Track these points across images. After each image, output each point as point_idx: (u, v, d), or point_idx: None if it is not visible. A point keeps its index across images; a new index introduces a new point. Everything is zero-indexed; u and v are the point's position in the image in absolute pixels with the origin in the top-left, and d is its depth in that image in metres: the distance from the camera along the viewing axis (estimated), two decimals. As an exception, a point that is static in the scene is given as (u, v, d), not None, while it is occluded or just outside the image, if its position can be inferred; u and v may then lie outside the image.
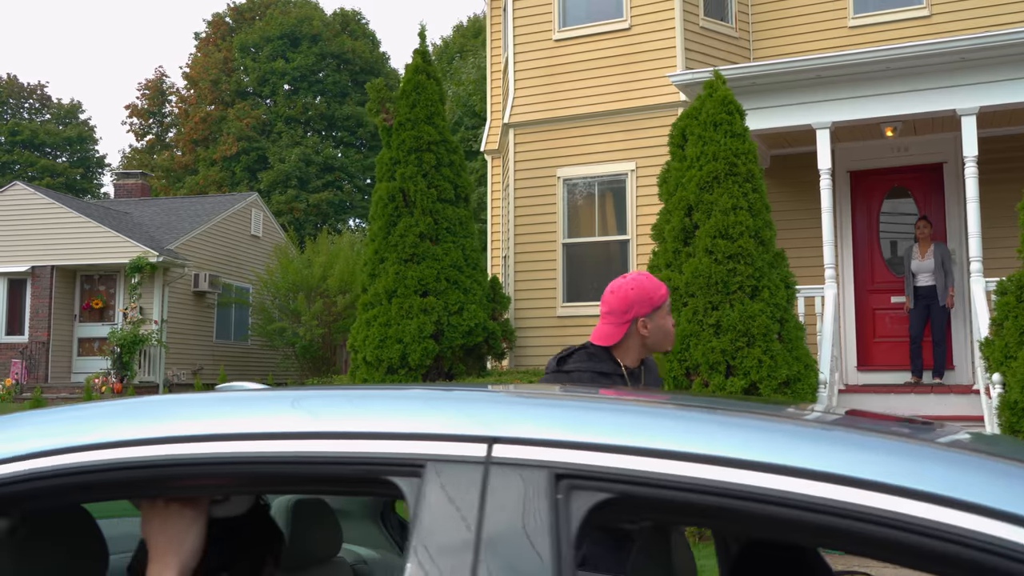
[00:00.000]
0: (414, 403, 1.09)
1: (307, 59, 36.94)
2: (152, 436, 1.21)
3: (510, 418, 1.01)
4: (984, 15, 9.48)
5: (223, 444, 1.18)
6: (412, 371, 9.48)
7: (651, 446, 0.93)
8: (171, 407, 1.32)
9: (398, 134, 9.92)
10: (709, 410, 1.02)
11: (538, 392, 1.14)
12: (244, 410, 1.23)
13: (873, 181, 9.97)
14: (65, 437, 1.22)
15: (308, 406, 1.15)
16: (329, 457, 1.08)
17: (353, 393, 1.16)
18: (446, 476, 0.98)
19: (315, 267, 19.50)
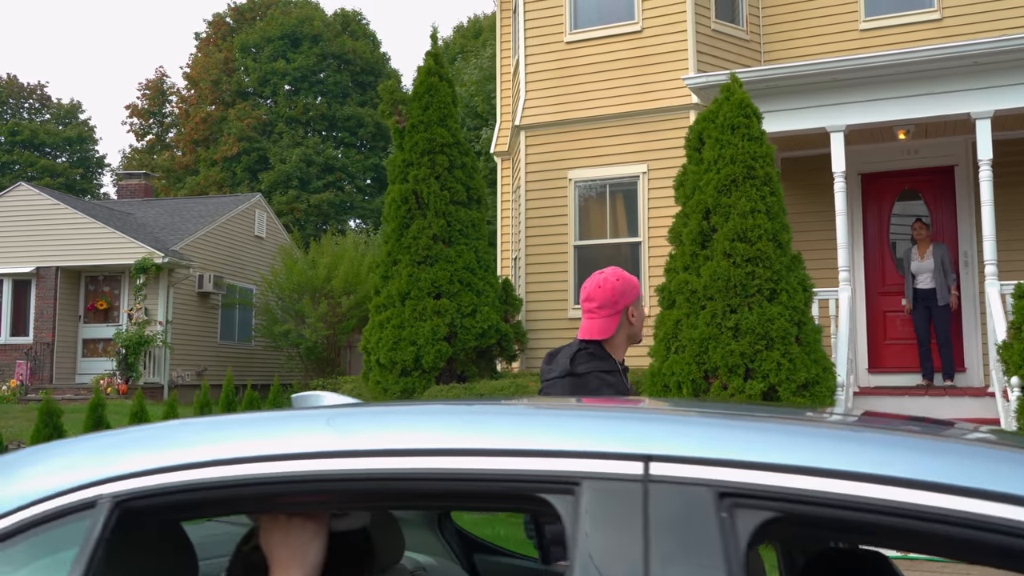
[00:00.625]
0: (565, 420, 1.11)
1: (308, 59, 36.93)
2: (297, 451, 1.23)
3: (664, 436, 1.03)
4: (995, 19, 9.52)
5: (370, 460, 1.19)
6: (425, 373, 9.50)
7: (816, 465, 0.95)
8: (309, 421, 1.34)
9: (411, 136, 9.94)
10: (863, 428, 1.04)
11: (688, 409, 1.16)
12: (386, 425, 1.25)
13: (883, 184, 10.01)
14: (211, 449, 1.24)
15: (449, 422, 1.17)
16: (478, 474, 1.09)
17: (497, 408, 1.18)
18: (603, 494, 1.00)
19: (320, 268, 19.51)
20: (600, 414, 1.13)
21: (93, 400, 11.90)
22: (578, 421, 1.10)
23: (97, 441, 1.45)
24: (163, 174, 36.98)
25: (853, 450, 0.97)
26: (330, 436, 1.22)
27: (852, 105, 8.37)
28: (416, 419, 1.23)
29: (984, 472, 0.92)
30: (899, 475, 0.93)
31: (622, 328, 2.90)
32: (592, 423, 1.09)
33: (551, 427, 1.10)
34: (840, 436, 1.01)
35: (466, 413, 1.18)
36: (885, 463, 0.94)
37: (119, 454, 1.36)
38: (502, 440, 1.10)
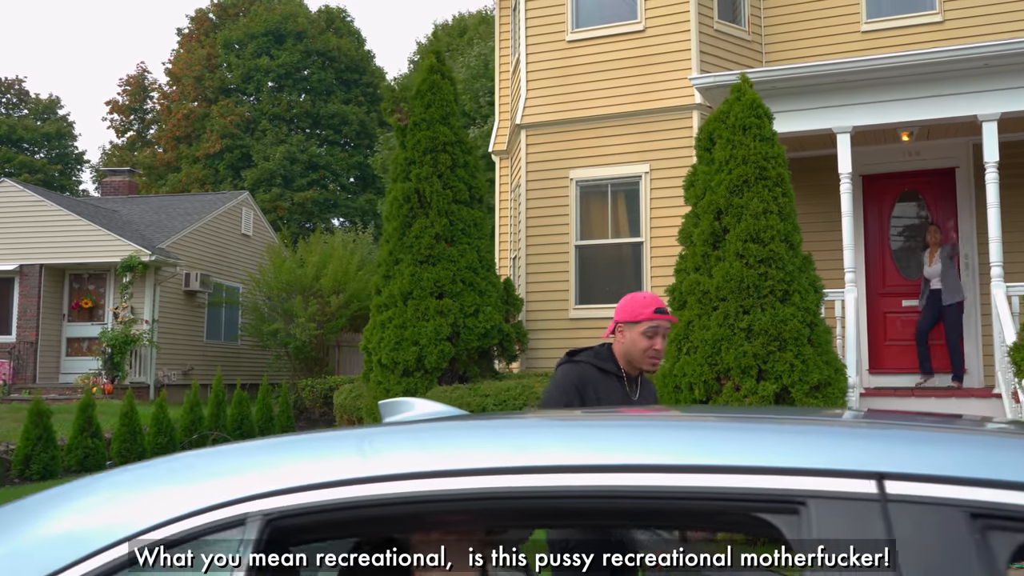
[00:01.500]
0: (786, 435, 1.05)
1: (292, 56, 36.65)
2: (473, 467, 1.17)
3: (900, 452, 0.98)
4: (997, 21, 9.58)
5: (563, 477, 1.13)
6: (428, 374, 9.43)
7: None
8: (479, 432, 1.28)
9: (413, 134, 9.85)
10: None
11: (925, 425, 1.11)
12: (580, 438, 1.19)
13: (884, 185, 10.05)
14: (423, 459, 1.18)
15: (653, 436, 1.12)
16: (685, 492, 1.04)
17: (708, 423, 1.12)
18: (835, 515, 0.95)
19: (308, 267, 19.34)
20: (825, 429, 1.07)
21: (83, 400, 11.72)
22: (801, 436, 1.05)
23: (240, 452, 1.38)
24: (145, 171, 36.55)
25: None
26: (511, 450, 1.16)
27: (859, 106, 8.38)
28: (610, 432, 1.17)
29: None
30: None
31: (616, 340, 3.09)
32: (817, 439, 1.04)
33: (770, 442, 1.04)
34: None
35: (670, 427, 1.13)
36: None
37: (268, 467, 1.30)
38: (712, 456, 1.04)
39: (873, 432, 1.06)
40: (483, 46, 28.85)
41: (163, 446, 12.63)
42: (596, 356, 3.05)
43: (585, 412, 1.60)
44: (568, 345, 10.31)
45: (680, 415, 1.29)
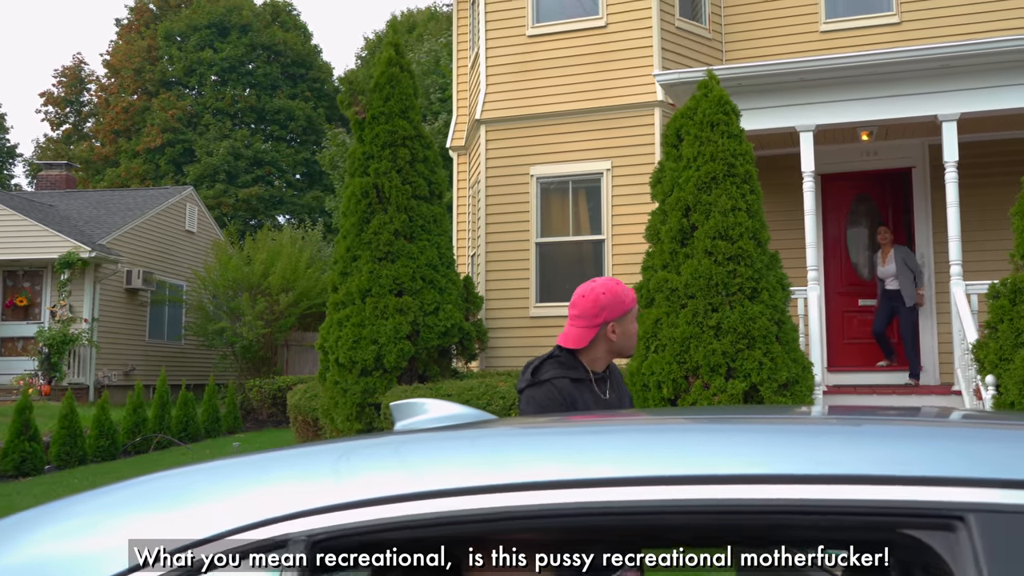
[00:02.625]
0: (935, 441, 0.92)
1: (236, 50, 35.87)
2: (546, 480, 1.01)
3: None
4: (953, 24, 9.73)
5: (650, 490, 0.98)
6: (387, 373, 9.20)
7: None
8: (540, 440, 1.12)
9: (371, 128, 9.61)
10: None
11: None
12: (665, 445, 1.04)
13: (842, 184, 10.13)
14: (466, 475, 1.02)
15: (759, 441, 0.97)
16: (815, 506, 0.90)
17: (829, 427, 0.98)
18: (1004, 531, 0.82)
19: (256, 264, 18.88)
20: (980, 433, 0.94)
21: (19, 402, 11.21)
22: (954, 443, 0.91)
23: (280, 462, 1.20)
24: (82, 165, 35.42)
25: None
26: (576, 461, 1.01)
27: (822, 105, 8.41)
28: (707, 437, 1.02)
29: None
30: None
31: (599, 341, 2.79)
32: (971, 445, 0.90)
33: (919, 449, 0.91)
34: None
35: (786, 432, 0.98)
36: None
37: (314, 479, 1.13)
38: (842, 464, 0.90)
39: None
40: (433, 42, 28.59)
41: (105, 449, 12.18)
42: (562, 367, 2.77)
43: (651, 414, 1.45)
44: (529, 343, 10.21)
45: (788, 417, 1.15)
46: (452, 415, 1.90)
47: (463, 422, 1.84)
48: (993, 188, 9.33)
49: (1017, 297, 6.58)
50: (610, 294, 2.78)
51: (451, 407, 1.90)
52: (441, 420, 1.86)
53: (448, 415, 1.89)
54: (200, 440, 14.86)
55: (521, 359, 10.19)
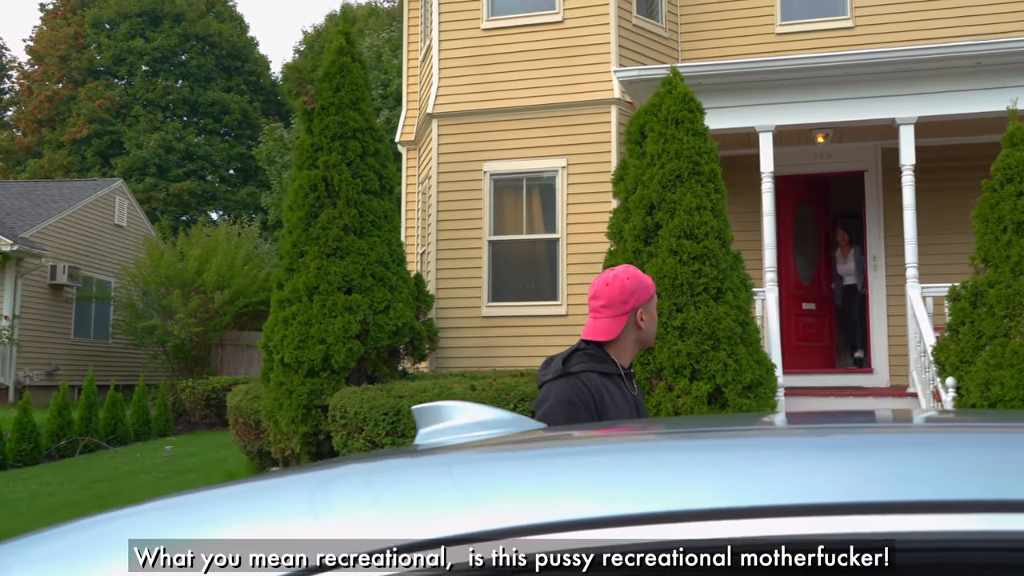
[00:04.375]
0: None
1: (169, 39, 34.75)
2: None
3: None
4: (906, 29, 9.82)
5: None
6: (335, 374, 8.85)
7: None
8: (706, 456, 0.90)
9: (320, 119, 9.25)
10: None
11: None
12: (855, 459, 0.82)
13: (796, 186, 10.14)
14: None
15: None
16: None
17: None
18: None
19: (190, 260, 18.23)
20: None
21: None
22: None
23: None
24: (1, 155, 33.89)
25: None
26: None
27: (781, 106, 8.38)
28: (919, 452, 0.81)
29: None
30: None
31: (629, 330, 2.67)
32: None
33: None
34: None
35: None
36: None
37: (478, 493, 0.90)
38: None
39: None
40: (375, 37, 28.13)
41: (27, 453, 11.54)
42: (592, 359, 2.62)
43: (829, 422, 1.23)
44: (481, 343, 9.97)
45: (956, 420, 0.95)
46: (487, 420, 1.65)
47: (505, 430, 1.60)
48: (945, 193, 9.44)
49: (978, 300, 6.60)
50: (634, 279, 2.67)
51: (483, 411, 1.65)
52: (477, 427, 1.61)
53: (482, 421, 1.65)
54: (130, 443, 14.23)
55: (473, 360, 9.95)
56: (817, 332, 10.04)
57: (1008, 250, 6.55)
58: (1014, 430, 1.21)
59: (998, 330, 6.43)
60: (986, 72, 7.96)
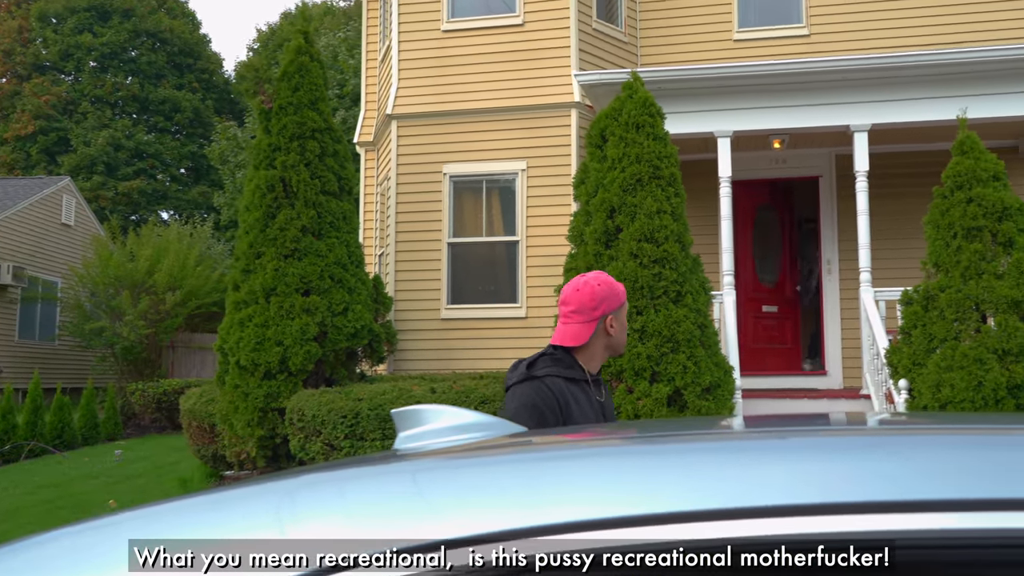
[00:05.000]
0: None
1: (118, 35, 34.05)
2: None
3: None
4: (859, 38, 10.02)
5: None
6: (292, 376, 8.74)
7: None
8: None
9: (279, 119, 9.13)
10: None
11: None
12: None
13: (752, 191, 10.28)
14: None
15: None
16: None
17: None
18: None
19: (140, 261, 17.86)
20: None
21: None
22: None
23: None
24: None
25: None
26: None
27: (739, 111, 8.49)
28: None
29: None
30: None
31: (598, 337, 2.66)
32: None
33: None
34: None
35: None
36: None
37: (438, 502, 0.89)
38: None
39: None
40: (331, 37, 27.90)
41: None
42: (558, 364, 2.60)
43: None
44: (440, 346, 9.92)
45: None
46: (467, 424, 1.64)
47: (486, 434, 1.58)
48: (898, 199, 9.65)
49: (930, 304, 6.76)
50: (605, 285, 2.65)
51: (463, 414, 1.63)
52: (457, 431, 1.60)
53: (462, 424, 1.63)
54: (77, 448, 13.90)
55: (432, 362, 9.90)
56: (780, 334, 10.19)
57: (958, 255, 6.71)
58: (973, 432, 1.24)
59: (948, 333, 6.58)
60: (939, 81, 8.16)
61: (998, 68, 8.08)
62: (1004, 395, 6.25)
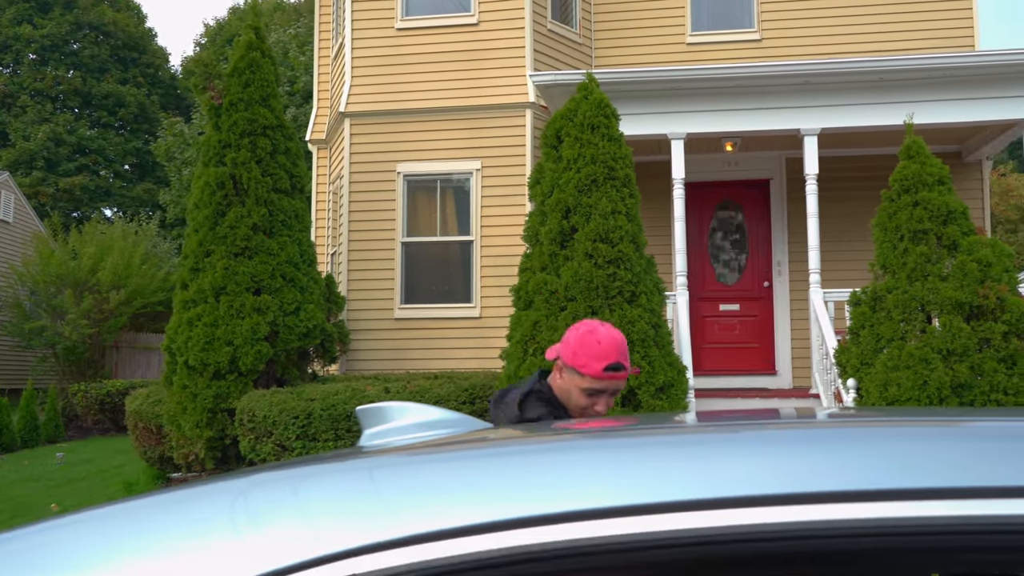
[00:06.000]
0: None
1: (60, 27, 33.18)
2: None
3: None
4: (810, 43, 10.20)
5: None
6: (242, 376, 8.60)
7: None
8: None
9: (229, 115, 8.97)
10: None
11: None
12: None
13: (705, 193, 10.40)
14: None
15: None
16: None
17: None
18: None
19: (83, 259, 17.42)
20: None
21: None
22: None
23: (344, 478, 0.92)
24: None
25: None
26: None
27: (692, 114, 8.58)
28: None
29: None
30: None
31: (554, 375, 2.60)
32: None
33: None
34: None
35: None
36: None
37: (396, 500, 0.87)
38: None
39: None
40: (281, 33, 27.53)
41: (-98, 462, 10.81)
42: (547, 404, 2.52)
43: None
44: (393, 346, 9.85)
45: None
46: (432, 421, 1.61)
47: (452, 431, 1.56)
48: (848, 202, 9.85)
49: (877, 304, 6.90)
50: (586, 346, 2.50)
51: (429, 411, 1.61)
52: (422, 428, 1.58)
53: (428, 421, 1.61)
54: (16, 451, 13.52)
55: (385, 362, 9.82)
56: (732, 335, 10.30)
57: (905, 257, 6.86)
58: (917, 424, 1.26)
59: (895, 333, 6.72)
60: (887, 87, 8.34)
61: (942, 75, 8.30)
62: (948, 394, 6.41)
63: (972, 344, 6.45)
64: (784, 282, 9.98)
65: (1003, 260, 6.72)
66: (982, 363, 6.41)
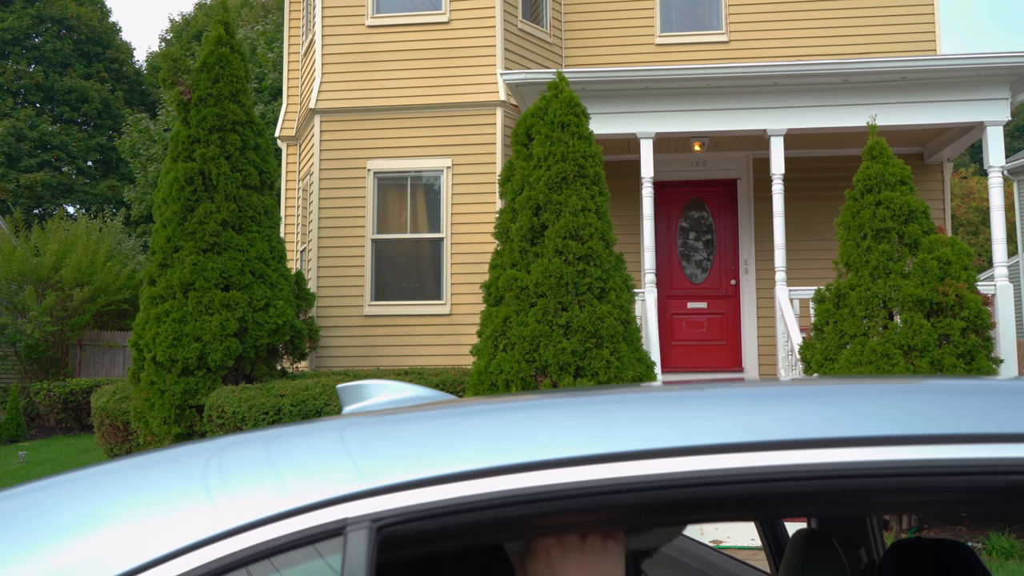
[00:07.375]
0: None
1: (21, 20, 32.61)
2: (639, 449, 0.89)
3: None
4: (776, 45, 10.37)
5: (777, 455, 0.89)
6: (211, 372, 8.56)
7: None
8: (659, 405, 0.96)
9: (198, 110, 8.92)
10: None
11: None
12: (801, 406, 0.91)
13: (673, 192, 10.52)
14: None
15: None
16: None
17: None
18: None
19: (46, 256, 17.15)
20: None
21: None
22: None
23: (334, 433, 0.97)
24: None
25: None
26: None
27: (661, 114, 8.68)
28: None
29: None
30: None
31: None
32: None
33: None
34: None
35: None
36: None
37: (378, 455, 0.91)
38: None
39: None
40: (249, 29, 27.33)
41: None
42: None
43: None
44: (363, 343, 9.86)
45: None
46: (409, 397, 1.67)
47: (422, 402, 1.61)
48: (813, 201, 10.02)
49: (841, 301, 7.04)
50: None
51: (406, 388, 1.67)
52: (397, 403, 1.63)
53: (405, 397, 1.67)
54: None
55: (354, 359, 9.82)
56: (708, 331, 10.43)
57: (867, 255, 7.01)
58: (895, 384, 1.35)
59: (859, 330, 6.87)
60: (851, 89, 8.51)
61: (904, 79, 8.48)
62: (909, 388, 6.56)
63: (932, 340, 6.61)
64: (751, 280, 10.13)
65: (962, 258, 6.90)
66: (942, 358, 6.57)
